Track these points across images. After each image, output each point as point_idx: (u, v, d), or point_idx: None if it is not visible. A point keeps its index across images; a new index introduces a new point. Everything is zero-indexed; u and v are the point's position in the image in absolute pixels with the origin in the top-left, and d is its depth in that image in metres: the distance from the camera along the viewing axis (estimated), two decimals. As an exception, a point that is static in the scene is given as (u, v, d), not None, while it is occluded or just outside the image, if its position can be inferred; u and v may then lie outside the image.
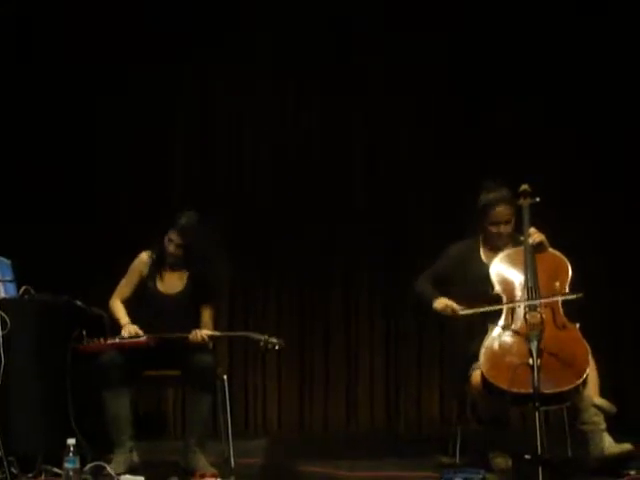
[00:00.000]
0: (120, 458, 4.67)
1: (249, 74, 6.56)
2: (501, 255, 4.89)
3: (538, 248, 4.81)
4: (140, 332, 4.82)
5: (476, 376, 4.69)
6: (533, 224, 4.88)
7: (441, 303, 4.91)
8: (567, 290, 4.74)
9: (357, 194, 6.64)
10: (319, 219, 6.56)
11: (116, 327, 4.94)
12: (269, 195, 6.59)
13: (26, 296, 4.84)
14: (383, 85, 6.59)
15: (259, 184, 6.62)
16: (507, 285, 4.79)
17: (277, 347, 4.77)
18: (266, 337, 4.78)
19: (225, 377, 5.11)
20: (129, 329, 4.84)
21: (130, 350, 4.76)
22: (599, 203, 6.37)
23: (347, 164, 6.65)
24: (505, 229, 4.94)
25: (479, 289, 4.85)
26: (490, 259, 4.93)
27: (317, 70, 6.56)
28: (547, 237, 4.84)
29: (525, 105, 6.42)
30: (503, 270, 4.84)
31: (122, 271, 5.08)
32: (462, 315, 4.82)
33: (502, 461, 4.72)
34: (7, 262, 5.13)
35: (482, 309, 4.76)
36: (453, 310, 4.86)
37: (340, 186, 6.59)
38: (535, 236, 4.81)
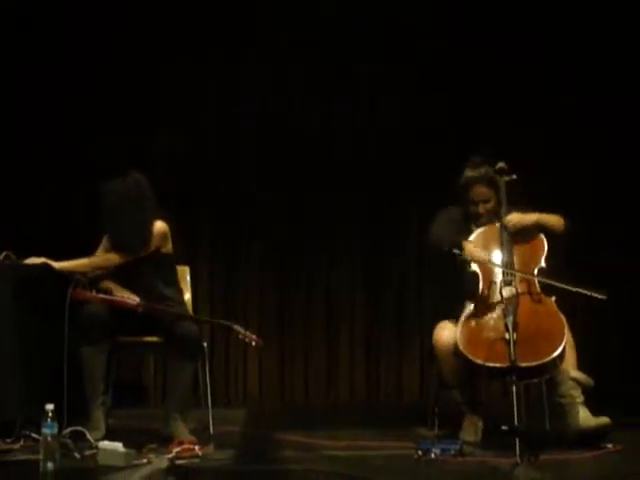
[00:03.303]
0: (95, 417, 4.67)
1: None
2: (475, 233, 4.87)
3: (521, 233, 4.79)
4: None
5: (442, 336, 4.74)
6: (514, 202, 4.85)
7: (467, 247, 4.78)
8: (543, 264, 4.77)
9: (340, 162, 6.64)
10: (302, 187, 6.58)
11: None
12: (254, 166, 6.62)
13: (7, 262, 4.81)
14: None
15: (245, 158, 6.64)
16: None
17: (253, 344, 4.76)
18: (247, 332, 4.77)
19: (205, 344, 5.11)
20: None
21: (116, 309, 4.74)
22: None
23: (334, 134, 6.69)
24: (484, 208, 4.90)
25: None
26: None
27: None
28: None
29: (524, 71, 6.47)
30: (478, 248, 4.80)
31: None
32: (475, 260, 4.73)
33: (471, 432, 4.77)
34: (-13, 228, 5.10)
35: (496, 265, 4.72)
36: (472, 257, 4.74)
37: (323, 155, 6.61)
38: (513, 222, 4.77)
